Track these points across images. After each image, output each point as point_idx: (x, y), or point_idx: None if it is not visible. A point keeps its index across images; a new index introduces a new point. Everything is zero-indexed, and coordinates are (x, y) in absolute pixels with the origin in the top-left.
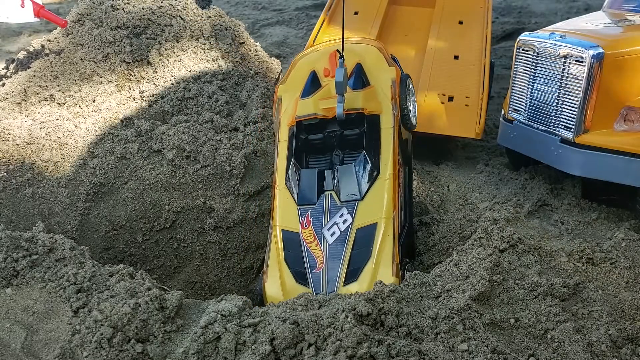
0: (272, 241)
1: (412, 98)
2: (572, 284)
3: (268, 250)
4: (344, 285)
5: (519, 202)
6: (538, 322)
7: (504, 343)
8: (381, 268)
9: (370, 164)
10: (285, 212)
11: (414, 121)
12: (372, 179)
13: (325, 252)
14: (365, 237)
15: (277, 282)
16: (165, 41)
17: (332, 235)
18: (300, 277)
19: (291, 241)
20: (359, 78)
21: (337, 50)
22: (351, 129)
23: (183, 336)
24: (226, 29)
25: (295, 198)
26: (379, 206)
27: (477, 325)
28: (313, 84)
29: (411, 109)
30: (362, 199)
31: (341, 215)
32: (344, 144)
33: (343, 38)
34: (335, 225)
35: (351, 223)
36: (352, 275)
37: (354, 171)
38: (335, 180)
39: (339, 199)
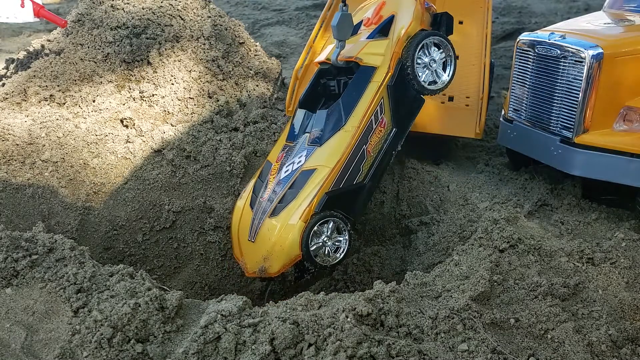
0: (258, 169)
1: (444, 63)
2: (572, 284)
3: (253, 176)
4: (269, 217)
5: (519, 202)
6: (538, 322)
7: (504, 343)
8: (295, 210)
9: (341, 114)
10: (276, 147)
11: (431, 86)
12: (337, 128)
13: (273, 185)
14: (301, 180)
15: (242, 202)
16: (165, 41)
17: (285, 172)
18: (253, 201)
19: (265, 171)
20: (382, 29)
21: None
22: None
23: (183, 336)
24: (226, 29)
25: (287, 135)
26: (326, 154)
27: (477, 325)
28: (353, 32)
29: (439, 72)
30: (321, 144)
31: (299, 157)
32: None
33: None
34: (291, 164)
35: (301, 165)
36: (277, 210)
37: (325, 118)
38: (312, 124)
39: (308, 142)
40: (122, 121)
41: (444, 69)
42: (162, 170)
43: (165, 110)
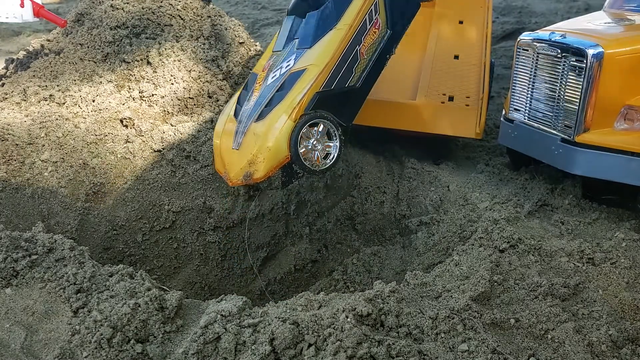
0: (244, 82)
1: None
2: (572, 284)
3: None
4: (255, 122)
5: (519, 202)
6: (538, 322)
7: (504, 343)
8: (283, 111)
9: (332, 13)
10: (263, 58)
11: None
12: (328, 28)
13: (259, 92)
14: (289, 81)
15: (225, 112)
16: (165, 41)
17: (272, 78)
18: (237, 111)
19: (250, 82)
20: None
21: None
22: None
23: (183, 336)
24: (226, 29)
25: (274, 45)
26: (316, 53)
27: (477, 325)
28: None
29: None
30: (311, 46)
31: (288, 61)
32: None
33: None
34: (279, 69)
35: (290, 68)
36: (264, 113)
37: (315, 19)
38: (302, 29)
39: (297, 46)
40: (121, 121)
41: None
42: (162, 170)
43: (165, 110)
